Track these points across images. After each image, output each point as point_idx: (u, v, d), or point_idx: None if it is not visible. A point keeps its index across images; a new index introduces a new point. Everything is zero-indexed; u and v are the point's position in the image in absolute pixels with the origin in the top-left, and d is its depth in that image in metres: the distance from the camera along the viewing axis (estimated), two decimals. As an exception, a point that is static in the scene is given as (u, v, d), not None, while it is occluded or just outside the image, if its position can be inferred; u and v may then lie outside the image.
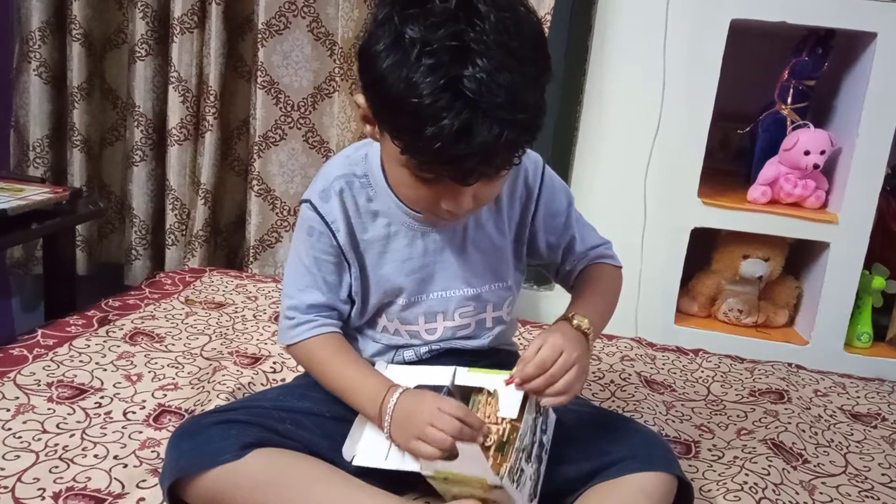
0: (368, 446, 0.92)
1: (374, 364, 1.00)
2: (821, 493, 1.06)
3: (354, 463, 0.91)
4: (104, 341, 1.31)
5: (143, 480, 0.94)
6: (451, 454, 0.84)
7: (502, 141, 0.76)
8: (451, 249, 0.98)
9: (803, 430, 1.24)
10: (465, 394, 0.91)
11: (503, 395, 0.88)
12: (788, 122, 1.82)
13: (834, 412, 1.35)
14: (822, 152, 1.74)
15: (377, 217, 0.97)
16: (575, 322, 0.92)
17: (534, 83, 0.78)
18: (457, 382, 0.91)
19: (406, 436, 0.87)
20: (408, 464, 0.88)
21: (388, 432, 0.89)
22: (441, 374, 0.93)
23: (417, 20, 0.75)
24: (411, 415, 0.87)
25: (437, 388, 0.90)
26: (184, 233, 2.00)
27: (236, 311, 1.53)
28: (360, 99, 0.86)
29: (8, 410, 1.06)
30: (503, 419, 0.87)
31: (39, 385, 1.14)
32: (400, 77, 0.75)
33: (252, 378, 1.22)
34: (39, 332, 1.31)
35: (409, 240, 0.97)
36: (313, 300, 0.97)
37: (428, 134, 0.75)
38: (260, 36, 1.86)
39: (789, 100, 1.82)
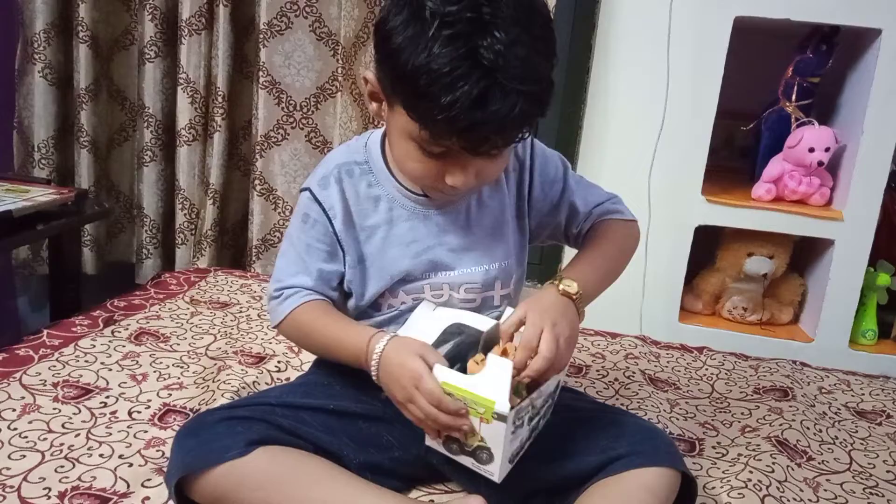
0: None
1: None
2: (825, 490, 1.06)
3: None
4: (109, 341, 1.32)
5: (148, 479, 0.94)
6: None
7: (516, 111, 0.79)
8: (456, 229, 0.98)
9: (808, 428, 1.24)
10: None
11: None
12: (793, 120, 1.81)
13: (838, 409, 1.34)
14: (827, 149, 1.73)
15: (379, 202, 0.98)
16: (562, 287, 0.91)
17: (545, 59, 0.82)
18: (503, 320, 0.91)
19: (393, 394, 0.88)
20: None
21: (376, 373, 0.89)
22: (482, 321, 0.93)
23: None
24: (394, 376, 0.87)
25: (474, 332, 0.91)
26: (193, 232, 2.01)
27: (241, 311, 1.53)
28: (370, 75, 0.89)
29: (14, 410, 1.07)
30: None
31: (45, 385, 1.14)
32: (419, 47, 0.78)
33: (256, 377, 1.22)
34: (45, 332, 1.32)
35: (413, 223, 0.98)
36: (301, 284, 0.98)
37: (445, 102, 0.77)
38: (262, 36, 1.87)
39: (793, 97, 1.81)
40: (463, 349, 0.92)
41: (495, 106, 0.78)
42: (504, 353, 0.86)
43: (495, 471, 0.85)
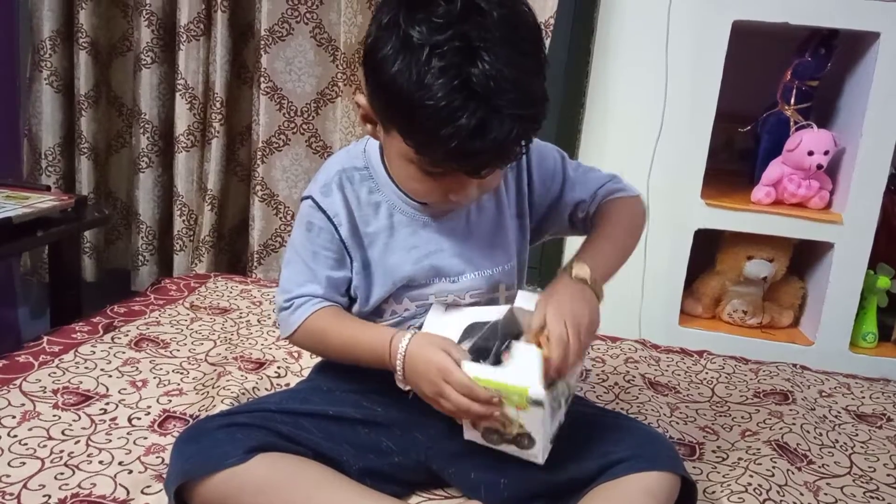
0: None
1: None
2: (825, 495, 1.06)
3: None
4: (109, 347, 1.32)
5: (148, 486, 0.94)
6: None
7: (514, 135, 0.79)
8: (457, 235, 0.98)
9: (808, 431, 1.24)
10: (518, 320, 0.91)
11: None
12: (792, 123, 1.81)
13: (839, 413, 1.34)
14: (826, 153, 1.73)
15: (379, 208, 0.98)
16: (574, 273, 0.91)
17: (537, 75, 0.82)
18: (516, 305, 0.91)
19: (422, 390, 0.89)
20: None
21: (402, 372, 0.89)
22: (496, 312, 0.93)
23: (423, 22, 0.77)
24: (420, 372, 0.87)
25: (488, 324, 0.91)
26: (191, 238, 2.01)
27: (241, 317, 1.53)
28: (362, 99, 0.88)
29: (14, 417, 1.07)
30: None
31: (45, 392, 1.14)
32: (411, 80, 0.77)
33: (256, 383, 1.22)
34: (45, 338, 1.32)
35: (414, 229, 0.98)
36: (311, 292, 0.98)
37: (444, 134, 0.77)
38: (263, 42, 1.87)
39: (792, 100, 1.81)
40: (488, 342, 0.91)
41: (493, 134, 0.78)
42: (537, 346, 0.86)
43: (538, 454, 0.86)
